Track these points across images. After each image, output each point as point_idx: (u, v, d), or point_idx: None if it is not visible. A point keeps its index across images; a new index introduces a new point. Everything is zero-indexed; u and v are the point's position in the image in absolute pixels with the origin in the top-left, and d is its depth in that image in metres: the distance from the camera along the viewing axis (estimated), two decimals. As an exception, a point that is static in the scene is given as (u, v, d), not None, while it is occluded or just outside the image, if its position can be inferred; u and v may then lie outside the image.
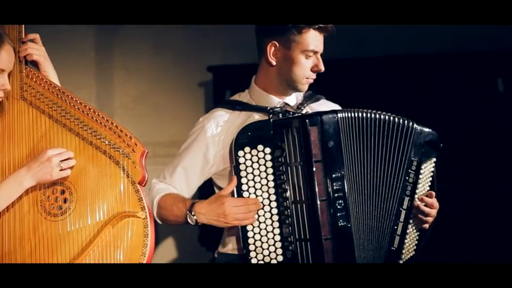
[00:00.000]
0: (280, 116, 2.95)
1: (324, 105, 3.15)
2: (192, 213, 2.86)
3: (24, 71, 2.73)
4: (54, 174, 2.60)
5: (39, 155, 2.61)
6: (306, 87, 3.04)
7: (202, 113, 3.15)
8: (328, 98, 3.24)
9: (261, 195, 2.87)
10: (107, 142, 2.66)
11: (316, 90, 3.21)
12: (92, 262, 2.59)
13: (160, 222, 3.02)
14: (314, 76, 3.01)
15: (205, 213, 2.85)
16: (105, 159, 2.65)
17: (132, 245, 2.61)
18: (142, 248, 2.60)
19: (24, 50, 2.72)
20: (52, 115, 2.69)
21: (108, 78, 4.89)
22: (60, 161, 2.60)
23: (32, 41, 2.75)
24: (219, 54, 4.73)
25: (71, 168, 2.64)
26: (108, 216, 2.62)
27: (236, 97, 3.19)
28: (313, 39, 2.95)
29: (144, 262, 2.59)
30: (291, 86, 3.03)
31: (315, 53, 2.97)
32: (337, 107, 3.18)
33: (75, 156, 2.66)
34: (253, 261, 2.87)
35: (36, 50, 2.74)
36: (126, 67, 4.90)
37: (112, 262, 2.59)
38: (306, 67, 2.98)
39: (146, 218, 2.62)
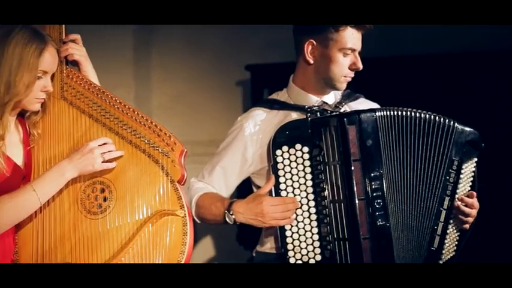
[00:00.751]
0: (318, 115, 2.94)
1: (362, 104, 3.14)
2: (230, 213, 2.87)
3: (65, 71, 2.75)
4: (96, 165, 2.62)
5: (81, 146, 2.63)
6: (344, 85, 3.03)
7: (240, 111, 3.14)
8: (367, 97, 3.22)
9: (299, 195, 2.87)
10: (146, 141, 2.67)
11: (354, 89, 3.20)
12: (130, 260, 2.61)
13: (198, 221, 3.02)
14: (352, 74, 3.00)
15: (243, 213, 2.85)
16: (145, 158, 2.67)
17: (171, 243, 2.62)
18: (181, 246, 2.61)
19: (65, 50, 2.74)
20: (92, 114, 2.72)
21: (146, 77, 4.91)
22: (102, 153, 2.63)
23: (73, 41, 2.77)
24: (257, 53, 4.72)
25: (114, 161, 2.66)
26: (148, 215, 2.64)
27: (274, 96, 3.19)
28: (351, 37, 2.94)
29: (183, 260, 2.60)
30: (328, 84, 3.02)
31: (353, 51, 2.96)
32: (376, 106, 3.16)
33: None
34: (292, 260, 2.86)
35: (77, 50, 2.77)
36: (165, 66, 4.92)
37: (151, 260, 2.61)
38: (344, 65, 2.97)
39: (185, 217, 2.63)
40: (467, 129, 2.97)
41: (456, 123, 2.92)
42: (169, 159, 2.66)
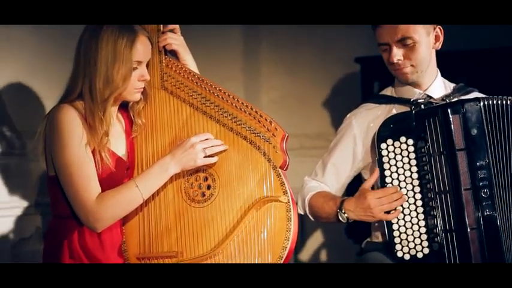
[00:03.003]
0: (423, 107, 2.88)
1: (476, 97, 3.04)
2: (343, 211, 2.85)
3: (164, 61, 2.78)
4: (198, 161, 2.64)
5: (183, 142, 2.65)
6: (401, 77, 2.97)
7: (350, 104, 3.11)
8: (483, 91, 3.13)
9: (405, 187, 2.83)
10: (247, 128, 2.67)
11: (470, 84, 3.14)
12: (235, 247, 2.62)
13: (312, 219, 3.02)
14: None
15: (353, 210, 2.83)
16: (246, 144, 2.67)
17: (276, 229, 2.61)
18: (285, 232, 2.60)
19: (163, 40, 2.77)
20: (192, 103, 2.74)
21: (256, 71, 4.92)
22: (204, 148, 2.63)
23: (172, 31, 2.80)
24: (366, 45, 4.66)
25: (216, 154, 2.67)
26: (251, 202, 2.64)
27: (383, 92, 3.16)
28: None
29: (288, 246, 2.59)
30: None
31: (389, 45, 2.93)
32: None
33: None
34: (399, 254, 2.82)
35: (175, 40, 2.80)
36: (274, 60, 4.92)
37: (256, 246, 2.61)
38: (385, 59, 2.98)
39: (289, 202, 2.62)
40: None
41: None
42: (271, 145, 2.65)
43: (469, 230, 2.74)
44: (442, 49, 3.02)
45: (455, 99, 2.98)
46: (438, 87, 3.03)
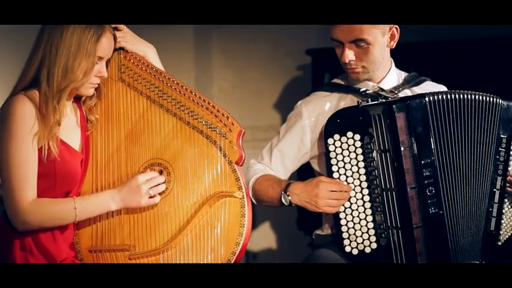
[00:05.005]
0: (370, 101, 2.87)
1: (427, 88, 3.06)
2: (287, 193, 2.85)
3: (122, 53, 2.76)
4: (142, 202, 2.62)
5: (130, 179, 2.63)
6: (352, 76, 2.98)
7: (301, 96, 3.11)
8: (435, 80, 3.16)
9: (352, 183, 2.84)
10: (203, 122, 2.66)
11: (424, 73, 3.16)
12: (189, 242, 2.61)
13: (255, 203, 3.01)
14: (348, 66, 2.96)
15: (299, 194, 2.83)
16: (202, 139, 2.66)
17: (230, 224, 2.61)
18: (239, 228, 2.60)
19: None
20: (150, 96, 2.72)
21: (207, 63, 4.91)
22: (150, 188, 2.62)
23: (116, 28, 2.76)
24: (317, 37, 4.68)
25: (161, 194, 2.66)
26: (206, 196, 2.63)
27: (334, 80, 3.16)
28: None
29: (241, 242, 2.59)
30: None
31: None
32: (443, 89, 3.10)
33: (172, 136, 2.68)
34: (347, 249, 2.84)
35: (120, 38, 2.76)
36: (225, 52, 4.91)
37: (209, 241, 2.60)
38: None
39: (243, 198, 2.62)
40: None
41: (500, 99, 2.85)
42: (227, 140, 2.64)
43: (414, 227, 2.76)
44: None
45: (406, 90, 3.01)
46: (391, 79, 3.05)
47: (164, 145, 2.68)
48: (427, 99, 2.77)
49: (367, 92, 2.95)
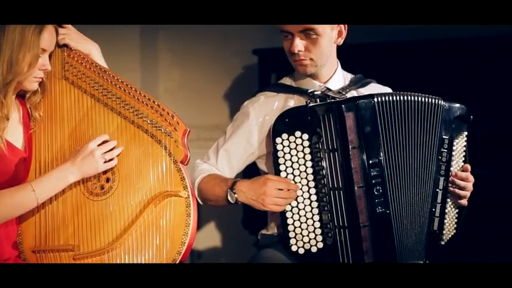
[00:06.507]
0: (319, 101, 2.89)
1: (373, 89, 3.09)
2: (233, 191, 2.84)
3: (66, 51, 2.73)
4: (99, 167, 2.60)
5: (81, 148, 2.61)
6: (299, 68, 2.99)
7: (248, 96, 3.11)
8: (381, 82, 3.19)
9: (300, 182, 2.84)
10: (149, 121, 2.65)
11: (369, 75, 3.18)
12: (133, 242, 2.59)
13: (201, 203, 2.99)
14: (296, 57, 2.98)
15: (245, 191, 2.83)
16: (147, 138, 2.64)
17: (175, 224, 2.59)
18: (184, 228, 2.59)
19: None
20: (94, 94, 2.69)
21: (153, 62, 4.89)
22: (104, 153, 2.60)
23: (61, 26, 2.74)
24: (264, 37, 4.69)
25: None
26: (151, 196, 2.61)
27: (282, 81, 3.16)
28: None
29: (187, 242, 2.58)
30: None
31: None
32: (388, 90, 3.13)
33: (116, 135, 2.66)
34: (294, 248, 2.84)
35: (64, 35, 2.74)
36: (172, 51, 4.90)
37: (154, 241, 2.59)
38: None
39: (188, 198, 2.61)
40: (455, 105, 2.94)
41: (442, 101, 2.89)
42: (172, 139, 2.63)
43: (361, 226, 2.77)
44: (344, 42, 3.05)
45: (352, 91, 3.03)
46: (338, 80, 3.06)
47: (109, 144, 2.66)
48: (375, 99, 2.79)
49: (315, 93, 2.96)
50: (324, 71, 3.02)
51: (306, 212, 2.83)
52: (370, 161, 2.78)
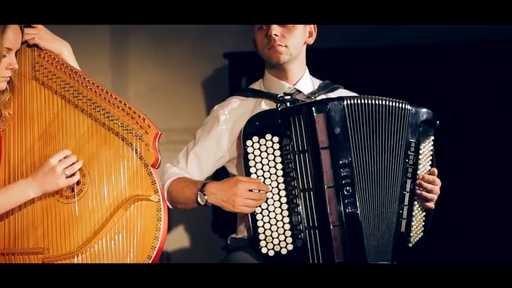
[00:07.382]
0: (289, 105, 2.92)
1: (341, 94, 3.09)
2: (203, 193, 2.84)
3: (36, 51, 2.70)
4: (60, 184, 2.57)
5: (42, 164, 2.57)
6: (273, 56, 2.99)
7: (218, 99, 3.12)
8: (348, 87, 3.21)
9: (270, 184, 2.85)
10: (119, 124, 2.63)
11: (337, 80, 3.20)
12: (104, 245, 2.57)
13: (170, 207, 2.97)
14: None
15: (216, 193, 2.83)
16: (118, 141, 2.63)
17: (145, 228, 2.58)
18: (155, 232, 2.58)
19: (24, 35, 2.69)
20: (64, 96, 2.67)
21: (123, 65, 4.88)
22: (64, 168, 2.57)
23: (30, 25, 2.71)
24: (235, 41, 4.70)
25: (84, 160, 2.61)
26: (121, 199, 2.59)
27: (252, 85, 3.17)
28: None
29: (157, 246, 2.57)
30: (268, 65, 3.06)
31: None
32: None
33: (87, 137, 2.64)
34: (264, 250, 2.84)
35: (33, 34, 2.70)
36: (142, 54, 4.88)
37: (124, 245, 2.57)
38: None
39: (159, 202, 2.60)
40: (421, 109, 2.98)
41: (408, 105, 2.93)
42: (143, 143, 2.61)
43: (331, 227, 2.79)
44: (312, 46, 3.08)
45: (321, 96, 3.04)
46: (306, 83, 3.08)
47: (79, 146, 2.63)
48: (345, 102, 2.83)
49: (285, 97, 2.98)
50: (294, 68, 3.05)
51: (276, 214, 2.84)
52: (340, 162, 2.80)
